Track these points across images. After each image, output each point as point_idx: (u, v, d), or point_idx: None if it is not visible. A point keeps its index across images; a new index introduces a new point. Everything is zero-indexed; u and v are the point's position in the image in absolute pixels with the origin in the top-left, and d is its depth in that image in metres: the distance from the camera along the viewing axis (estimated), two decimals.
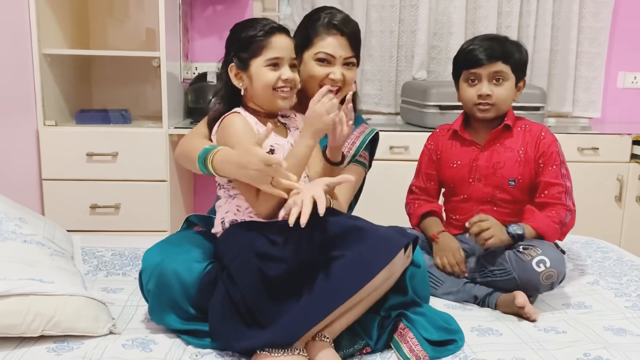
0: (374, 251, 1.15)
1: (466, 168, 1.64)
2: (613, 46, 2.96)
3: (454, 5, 2.81)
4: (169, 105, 2.40)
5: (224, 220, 1.35)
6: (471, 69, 1.60)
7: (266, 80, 1.33)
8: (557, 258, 1.44)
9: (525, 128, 1.65)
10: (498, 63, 1.58)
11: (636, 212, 2.64)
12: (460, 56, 1.65)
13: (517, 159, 1.61)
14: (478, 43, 1.61)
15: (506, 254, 1.48)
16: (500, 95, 1.59)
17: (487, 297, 1.49)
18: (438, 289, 1.53)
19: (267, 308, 1.18)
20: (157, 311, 1.26)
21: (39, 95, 2.32)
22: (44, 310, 1.19)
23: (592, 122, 3.01)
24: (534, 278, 1.42)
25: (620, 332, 1.32)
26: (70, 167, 2.37)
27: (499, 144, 1.63)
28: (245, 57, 1.34)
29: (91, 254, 1.77)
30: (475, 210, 1.63)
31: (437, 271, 1.55)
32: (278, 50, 1.34)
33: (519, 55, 1.61)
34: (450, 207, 1.72)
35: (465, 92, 1.63)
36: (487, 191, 1.62)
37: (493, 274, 1.50)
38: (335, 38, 1.50)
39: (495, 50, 1.58)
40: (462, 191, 1.66)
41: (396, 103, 2.93)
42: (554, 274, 1.42)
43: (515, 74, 1.61)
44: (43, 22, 2.31)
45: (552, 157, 1.59)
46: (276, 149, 1.34)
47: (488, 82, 1.59)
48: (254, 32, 1.34)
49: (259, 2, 2.94)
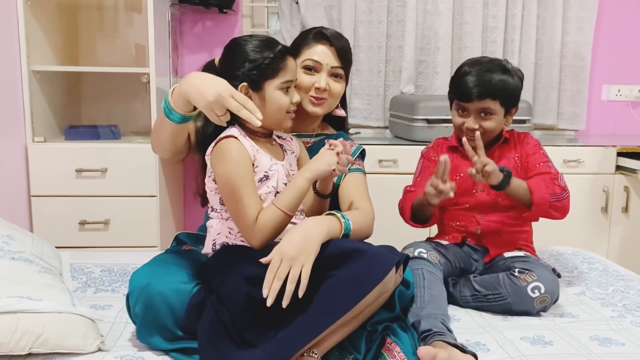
0: (366, 270, 1.15)
1: (469, 180, 1.65)
2: (597, 59, 3.02)
3: (440, 21, 2.86)
4: None
5: (215, 241, 1.34)
6: (460, 102, 1.64)
7: (282, 104, 1.33)
8: (551, 282, 1.48)
9: (515, 137, 1.72)
10: (486, 100, 1.59)
11: (622, 223, 2.68)
12: (454, 83, 1.67)
13: (514, 165, 1.67)
14: (472, 74, 1.60)
15: (500, 278, 1.51)
16: (488, 127, 1.62)
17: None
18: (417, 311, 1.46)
19: (257, 330, 1.17)
20: (145, 333, 1.25)
21: (27, 111, 2.32)
22: (32, 328, 1.18)
23: (578, 134, 3.06)
24: (528, 303, 1.47)
25: (606, 342, 1.33)
26: (59, 183, 2.36)
27: (496, 156, 1.69)
28: (259, 78, 1.31)
29: (80, 270, 1.76)
30: (478, 216, 1.67)
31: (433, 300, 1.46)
32: (291, 73, 1.34)
33: (511, 90, 1.62)
34: (452, 215, 1.73)
35: (455, 119, 1.68)
36: (490, 199, 1.66)
37: (487, 299, 1.52)
38: (324, 47, 1.51)
39: (486, 86, 1.58)
40: (466, 201, 1.69)
41: (385, 117, 2.96)
42: (548, 299, 1.47)
43: (504, 106, 1.63)
44: (32, 39, 2.32)
45: (539, 157, 1.66)
46: (270, 175, 1.33)
47: (475, 117, 1.62)
48: (271, 53, 1.31)
49: (248, 19, 2.97)
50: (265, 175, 1.32)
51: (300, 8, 2.78)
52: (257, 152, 1.32)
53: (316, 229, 1.21)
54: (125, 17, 2.77)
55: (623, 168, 2.62)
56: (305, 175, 1.29)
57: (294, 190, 1.28)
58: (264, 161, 1.32)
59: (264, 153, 1.33)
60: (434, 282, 1.47)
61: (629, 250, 2.69)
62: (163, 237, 2.45)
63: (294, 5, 2.82)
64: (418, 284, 1.44)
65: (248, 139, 1.33)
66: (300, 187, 1.28)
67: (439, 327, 1.31)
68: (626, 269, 1.88)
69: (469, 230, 1.69)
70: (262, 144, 1.35)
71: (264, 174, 1.32)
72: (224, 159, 1.28)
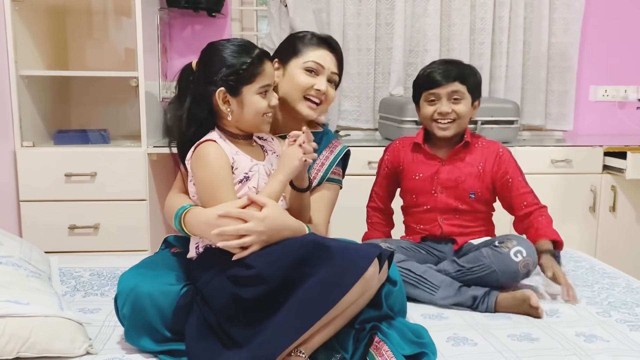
0: (347, 265, 1.17)
1: (428, 180, 1.76)
2: (584, 60, 3.05)
3: (429, 23, 2.88)
4: (147, 124, 2.41)
5: (198, 245, 1.34)
6: (430, 90, 1.72)
7: (259, 108, 1.33)
8: (530, 247, 1.57)
9: (483, 145, 1.78)
10: (455, 83, 1.70)
11: (610, 221, 2.70)
12: (420, 79, 1.77)
13: (477, 174, 1.74)
14: (435, 67, 1.73)
15: (483, 251, 1.58)
16: (460, 111, 1.71)
17: (486, 296, 1.52)
18: (435, 294, 1.55)
19: (243, 329, 1.18)
20: (133, 335, 1.26)
21: (16, 116, 2.32)
22: (19, 332, 1.18)
23: (565, 134, 3.08)
24: (513, 268, 1.53)
25: (592, 338, 1.35)
26: (48, 188, 2.35)
27: (459, 160, 1.75)
28: (236, 83, 1.30)
29: (69, 274, 1.76)
30: (439, 219, 1.74)
31: (432, 277, 1.57)
32: (268, 77, 1.34)
33: (473, 77, 1.74)
34: (414, 218, 1.80)
35: (425, 109, 1.75)
36: (449, 202, 1.73)
37: (472, 272, 1.57)
38: (327, 51, 1.53)
39: (452, 72, 1.71)
40: (425, 202, 1.76)
41: (374, 119, 2.98)
42: (530, 262, 1.55)
43: (471, 93, 1.73)
44: (20, 43, 2.32)
45: (516, 171, 1.74)
46: (251, 176, 1.33)
47: (447, 100, 1.70)
48: (248, 58, 1.30)
49: (237, 22, 2.98)
50: (246, 177, 1.33)
51: (289, 11, 2.79)
52: (236, 154, 1.33)
53: (293, 233, 1.28)
54: (114, 21, 2.77)
55: (610, 168, 2.65)
56: (279, 178, 1.31)
57: (270, 195, 1.29)
58: (244, 162, 1.33)
59: (244, 154, 1.34)
60: (411, 264, 1.59)
61: (616, 249, 2.71)
62: (153, 241, 2.44)
63: (283, 9, 2.83)
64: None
65: (228, 142, 1.34)
66: (275, 189, 1.30)
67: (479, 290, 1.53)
68: (612, 267, 1.90)
69: (432, 233, 1.75)
70: (242, 146, 1.36)
71: (244, 175, 1.33)
72: (203, 163, 1.29)
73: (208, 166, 1.28)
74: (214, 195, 1.27)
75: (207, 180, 1.28)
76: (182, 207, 1.33)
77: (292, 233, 1.28)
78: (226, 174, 1.28)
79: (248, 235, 1.22)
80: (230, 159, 1.31)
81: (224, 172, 1.28)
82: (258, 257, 1.22)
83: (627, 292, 1.64)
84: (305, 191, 1.41)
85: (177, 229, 1.34)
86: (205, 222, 1.26)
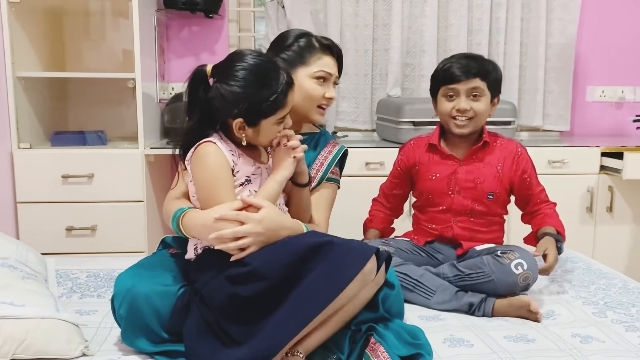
0: (345, 261, 1.17)
1: (445, 181, 1.71)
2: (580, 61, 3.05)
3: (426, 24, 2.88)
4: (145, 125, 2.41)
5: (196, 246, 1.34)
6: (449, 85, 1.66)
7: (274, 134, 1.32)
8: (532, 261, 1.55)
9: (501, 144, 1.73)
10: (476, 79, 1.65)
11: (607, 222, 2.71)
12: (439, 73, 1.71)
13: (496, 174, 1.69)
14: (456, 61, 1.67)
15: (484, 259, 1.55)
16: (479, 109, 1.66)
17: (482, 303, 1.52)
18: (431, 299, 1.55)
19: (243, 328, 1.18)
20: (130, 336, 1.26)
21: (13, 118, 2.32)
22: (14, 334, 1.18)
23: (563, 135, 3.09)
24: (513, 279, 1.51)
25: (587, 339, 1.35)
26: (45, 190, 2.35)
27: (478, 160, 1.71)
28: (256, 118, 1.28)
29: (66, 276, 1.76)
30: (453, 221, 1.70)
31: (428, 281, 1.57)
32: (289, 106, 1.32)
33: (494, 74, 1.68)
34: (427, 217, 1.76)
35: (443, 105, 1.69)
36: (467, 203, 1.69)
37: (471, 278, 1.55)
38: (330, 58, 1.54)
39: (472, 68, 1.65)
40: (441, 202, 1.72)
41: (372, 120, 2.98)
42: (530, 276, 1.53)
43: (490, 90, 1.68)
44: (17, 45, 2.32)
45: (533, 170, 1.74)
46: (253, 180, 1.34)
47: (466, 97, 1.65)
48: (272, 94, 1.26)
49: (234, 23, 2.98)
50: (248, 180, 1.33)
51: (286, 12, 2.79)
52: (238, 157, 1.32)
53: (290, 233, 1.28)
54: (111, 22, 2.77)
55: (607, 168, 2.65)
56: (275, 178, 1.32)
57: (266, 196, 1.29)
58: (246, 166, 1.33)
59: (246, 157, 1.34)
60: (408, 268, 1.58)
61: (614, 250, 2.71)
62: (150, 242, 2.44)
63: (281, 10, 2.83)
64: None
65: (230, 143, 1.33)
66: (272, 190, 1.30)
67: (476, 296, 1.52)
68: (609, 267, 1.90)
69: (442, 234, 1.73)
70: (244, 149, 1.35)
71: (246, 179, 1.33)
72: (202, 164, 1.29)
73: (207, 167, 1.28)
74: (213, 195, 1.27)
75: (206, 181, 1.28)
76: (179, 210, 1.33)
77: (290, 233, 1.28)
78: (225, 174, 1.28)
79: (246, 237, 1.22)
80: (230, 162, 1.30)
81: (222, 173, 1.28)
82: (255, 255, 1.22)
83: (624, 293, 1.64)
84: (306, 186, 1.42)
85: (175, 231, 1.34)
86: (203, 225, 1.26)
